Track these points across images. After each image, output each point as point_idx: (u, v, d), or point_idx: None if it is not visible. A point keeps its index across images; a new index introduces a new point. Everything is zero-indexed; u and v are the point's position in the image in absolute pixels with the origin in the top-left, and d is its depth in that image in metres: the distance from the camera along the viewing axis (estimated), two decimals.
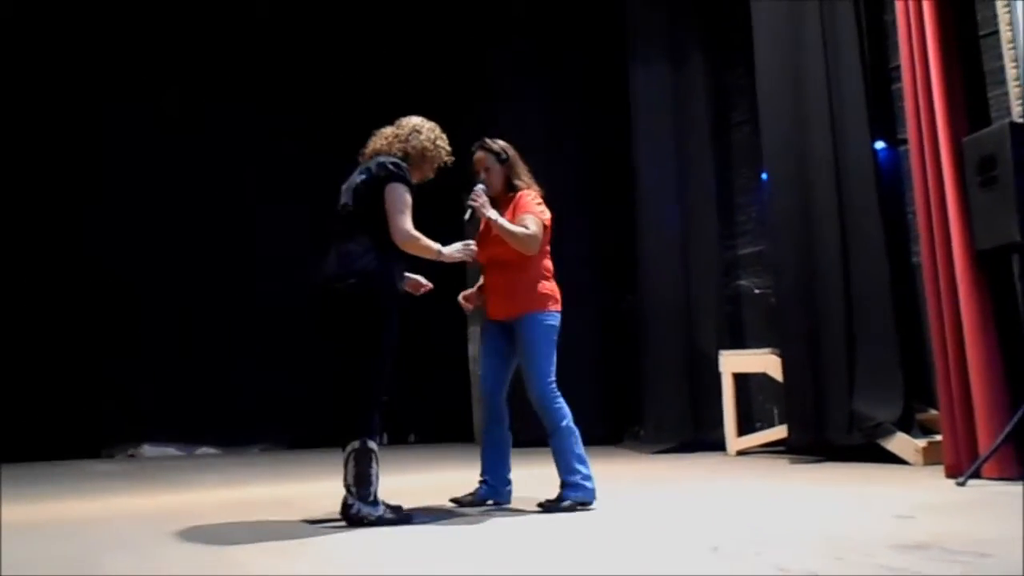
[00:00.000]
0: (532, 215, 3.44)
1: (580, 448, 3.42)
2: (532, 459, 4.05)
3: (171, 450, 7.02)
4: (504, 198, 3.54)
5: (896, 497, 3.43)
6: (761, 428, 6.21)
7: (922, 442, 4.76)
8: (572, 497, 3.33)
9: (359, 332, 3.08)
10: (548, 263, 3.56)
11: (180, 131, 7.38)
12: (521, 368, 3.45)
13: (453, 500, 3.54)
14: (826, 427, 5.23)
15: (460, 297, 3.64)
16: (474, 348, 9.13)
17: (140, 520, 3.30)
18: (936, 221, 4.26)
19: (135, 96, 7.26)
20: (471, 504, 3.51)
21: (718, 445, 6.12)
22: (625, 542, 2.66)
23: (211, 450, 6.93)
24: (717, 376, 6.15)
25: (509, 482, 3.60)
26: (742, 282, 6.98)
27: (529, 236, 3.38)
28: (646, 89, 6.96)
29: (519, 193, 3.53)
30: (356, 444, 3.00)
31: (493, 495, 3.55)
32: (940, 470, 4.13)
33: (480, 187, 3.47)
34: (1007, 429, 3.77)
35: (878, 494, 3.58)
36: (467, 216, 3.49)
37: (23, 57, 7.00)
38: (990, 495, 3.45)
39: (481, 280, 3.63)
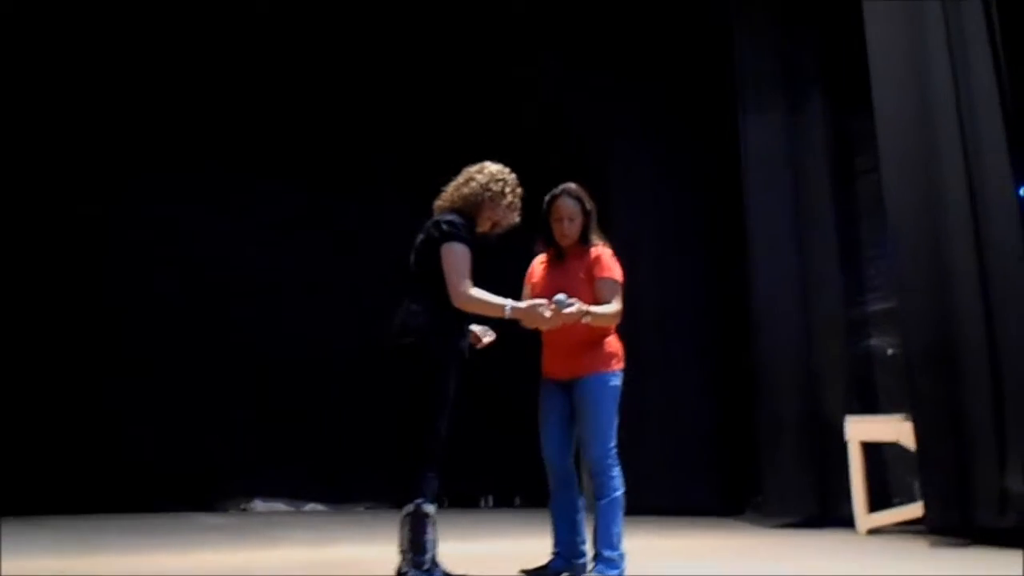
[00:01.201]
0: (614, 280, 3.31)
1: (622, 524, 3.20)
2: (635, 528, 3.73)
3: (280, 505, 7.14)
4: (575, 249, 3.37)
5: None
6: (900, 504, 5.57)
7: None
8: (604, 573, 3.13)
9: (414, 390, 3.01)
10: None
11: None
12: (580, 430, 3.24)
13: (524, 572, 3.31)
14: (972, 505, 4.59)
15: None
16: None
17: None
18: None
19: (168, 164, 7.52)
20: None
21: (848, 521, 5.54)
22: None
23: (319, 507, 7.00)
24: (845, 445, 5.60)
25: (583, 554, 3.34)
26: (873, 341, 6.41)
27: (618, 313, 3.28)
28: (759, 136, 6.63)
29: (596, 249, 3.36)
30: (410, 507, 2.88)
31: (566, 568, 3.31)
32: None
33: (563, 297, 3.12)
34: None
35: None
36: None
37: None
38: None
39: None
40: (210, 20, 7.23)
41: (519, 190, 3.28)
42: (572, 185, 3.43)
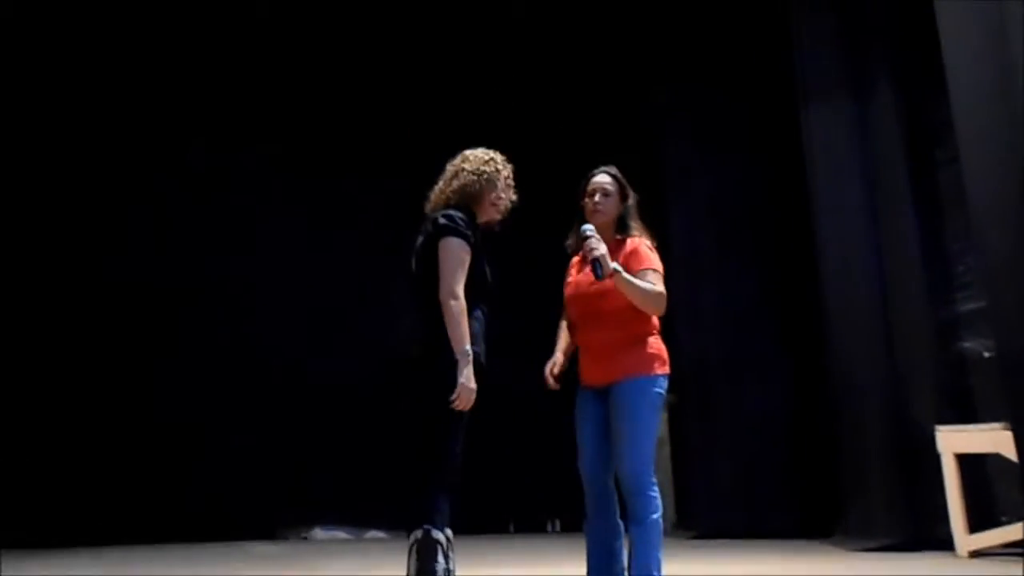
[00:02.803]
0: (654, 270, 2.94)
1: (662, 549, 2.80)
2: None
3: (341, 533, 7.04)
4: (611, 242, 3.01)
5: None
6: (1007, 523, 5.01)
7: None
8: None
9: (424, 406, 2.78)
10: (656, 319, 3.00)
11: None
12: (615, 442, 2.87)
13: None
14: None
15: (548, 372, 3.07)
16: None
17: None
18: None
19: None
20: None
21: (947, 544, 5.03)
22: None
23: (380, 533, 6.85)
24: (938, 458, 5.10)
25: None
26: (966, 344, 5.85)
27: (659, 295, 2.90)
28: (824, 129, 6.23)
29: (633, 240, 3.01)
30: (418, 534, 2.64)
31: None
32: None
33: (590, 227, 2.95)
34: None
35: None
36: (581, 242, 2.94)
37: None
38: None
39: (562, 342, 3.13)
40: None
41: (510, 165, 3.05)
42: (611, 167, 3.15)
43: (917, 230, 5.93)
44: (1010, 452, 4.56)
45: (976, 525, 4.98)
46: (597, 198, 3.02)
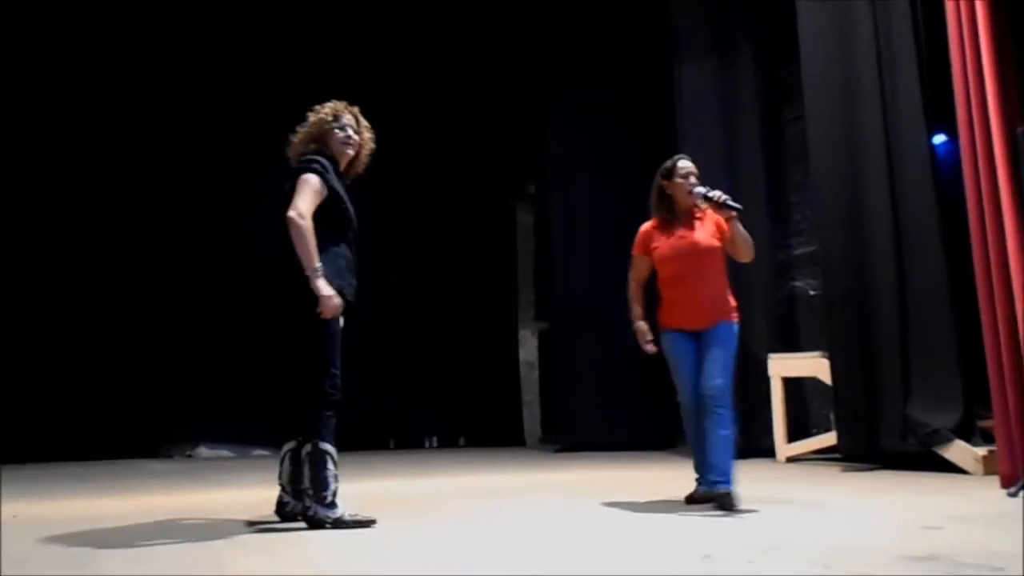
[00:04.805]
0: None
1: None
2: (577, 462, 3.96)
3: (225, 451, 7.22)
4: (689, 212, 3.64)
5: (936, 507, 3.23)
6: (818, 434, 5.96)
7: (982, 450, 4.48)
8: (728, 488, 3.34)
9: (301, 331, 3.05)
10: None
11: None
12: (709, 365, 3.47)
13: (687, 501, 3.56)
14: (879, 433, 5.00)
15: (645, 344, 3.66)
16: (525, 352, 9.11)
17: (162, 515, 3.40)
18: (989, 217, 4.02)
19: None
20: (703, 501, 3.46)
21: (769, 452, 5.92)
22: (623, 545, 2.58)
23: (264, 451, 7.09)
24: (768, 381, 5.95)
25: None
26: (797, 283, 6.74)
27: (752, 246, 3.64)
28: (693, 87, 6.82)
29: (708, 213, 3.64)
30: (308, 448, 2.95)
31: (710, 490, 3.45)
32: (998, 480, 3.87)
33: (703, 188, 3.57)
34: None
35: (917, 504, 3.38)
36: (708, 200, 3.54)
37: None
38: None
39: (640, 308, 3.72)
40: None
41: (355, 108, 3.34)
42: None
43: (764, 179, 6.68)
44: (826, 377, 5.44)
45: (792, 436, 5.90)
46: (692, 179, 3.63)
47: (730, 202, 3.52)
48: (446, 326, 8.38)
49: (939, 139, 5.33)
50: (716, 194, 3.53)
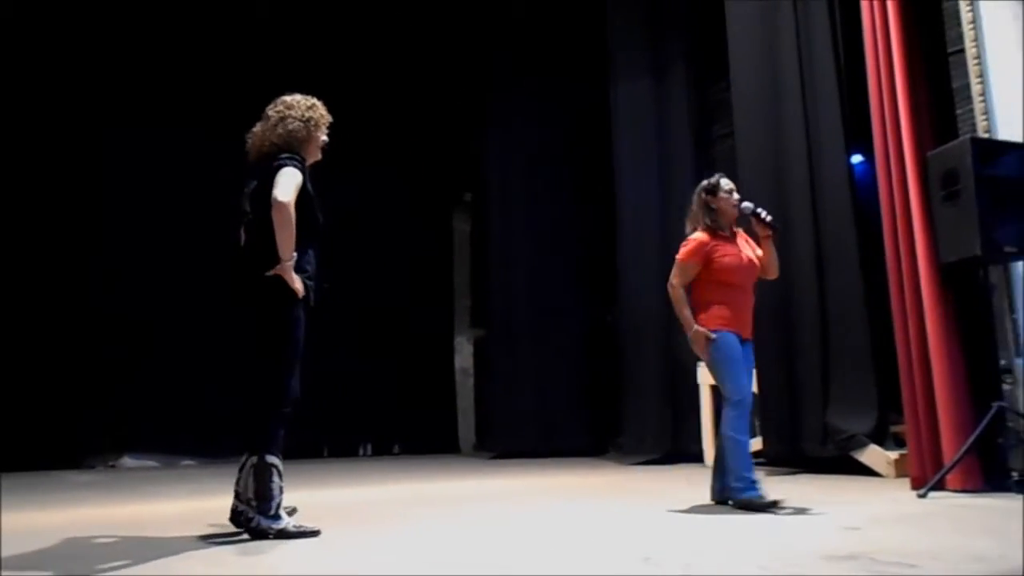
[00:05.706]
0: None
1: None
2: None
3: (151, 462, 7.03)
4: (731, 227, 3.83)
5: (853, 509, 3.43)
6: None
7: (894, 454, 4.77)
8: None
9: (257, 341, 3.04)
10: None
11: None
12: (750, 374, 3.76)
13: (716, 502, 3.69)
14: (801, 439, 5.24)
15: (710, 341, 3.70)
16: (461, 359, 9.17)
17: (97, 530, 3.32)
18: (902, 235, 4.28)
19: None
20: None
21: (698, 457, 6.12)
22: (562, 548, 2.67)
23: (190, 461, 6.93)
24: (697, 388, 6.16)
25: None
26: None
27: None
28: (628, 103, 7.03)
29: (739, 231, 3.88)
30: (254, 460, 2.94)
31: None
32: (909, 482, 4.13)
33: (749, 203, 3.81)
34: (969, 441, 3.77)
35: (835, 506, 3.57)
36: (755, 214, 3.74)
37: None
38: (946, 507, 3.44)
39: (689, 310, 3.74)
40: None
41: (322, 108, 3.28)
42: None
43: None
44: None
45: None
46: (735, 195, 3.86)
47: (773, 220, 3.77)
48: (382, 332, 8.36)
49: (857, 159, 5.63)
50: (762, 211, 3.77)
